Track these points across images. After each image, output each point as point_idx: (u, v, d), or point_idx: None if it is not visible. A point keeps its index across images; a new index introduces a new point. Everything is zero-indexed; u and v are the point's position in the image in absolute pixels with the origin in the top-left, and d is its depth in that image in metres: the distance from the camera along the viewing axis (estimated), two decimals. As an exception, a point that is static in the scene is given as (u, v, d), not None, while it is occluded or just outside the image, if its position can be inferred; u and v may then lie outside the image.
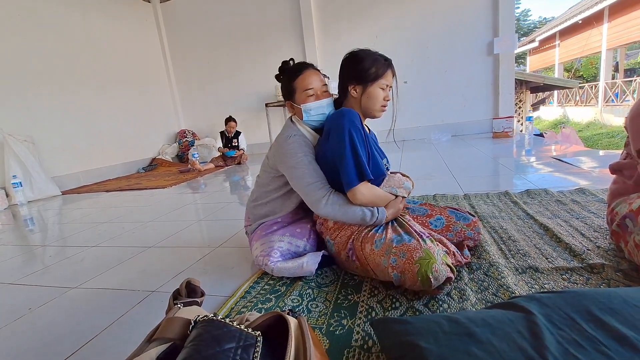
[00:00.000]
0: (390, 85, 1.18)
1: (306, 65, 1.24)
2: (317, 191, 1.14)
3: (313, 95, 1.20)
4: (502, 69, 4.75)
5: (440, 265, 0.91)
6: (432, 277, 0.89)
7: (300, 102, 1.21)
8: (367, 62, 1.13)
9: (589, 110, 11.70)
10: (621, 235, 1.05)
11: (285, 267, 1.18)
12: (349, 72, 1.17)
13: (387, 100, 1.19)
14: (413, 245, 0.96)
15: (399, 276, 0.96)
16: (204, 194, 3.13)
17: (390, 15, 5.05)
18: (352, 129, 1.07)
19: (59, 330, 1.08)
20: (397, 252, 0.97)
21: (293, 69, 1.24)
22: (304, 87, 1.20)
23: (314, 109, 1.20)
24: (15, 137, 3.74)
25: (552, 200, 1.73)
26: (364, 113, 1.20)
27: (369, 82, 1.13)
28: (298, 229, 1.31)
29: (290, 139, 1.21)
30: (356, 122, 1.09)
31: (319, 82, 1.22)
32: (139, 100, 5.65)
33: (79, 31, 4.72)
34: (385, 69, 1.14)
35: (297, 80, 1.21)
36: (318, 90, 1.21)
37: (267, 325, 0.62)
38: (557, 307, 0.64)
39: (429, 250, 0.93)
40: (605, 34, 10.55)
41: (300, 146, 1.19)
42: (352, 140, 1.07)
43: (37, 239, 2.28)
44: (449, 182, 2.41)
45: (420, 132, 5.24)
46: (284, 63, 1.28)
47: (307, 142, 1.23)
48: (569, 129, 4.10)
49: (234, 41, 5.85)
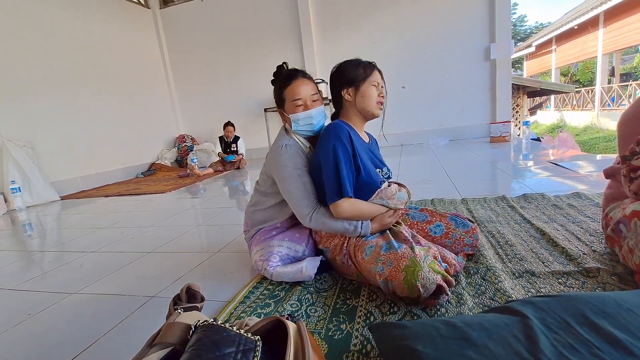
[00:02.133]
0: (380, 83, 1.19)
1: (296, 74, 1.23)
2: (303, 208, 1.18)
3: (301, 105, 1.21)
4: (499, 74, 4.79)
5: (427, 273, 0.90)
6: (419, 285, 0.89)
7: (289, 111, 1.23)
8: (353, 65, 1.18)
9: (586, 115, 11.79)
10: (615, 240, 1.06)
11: (284, 271, 1.19)
12: (338, 80, 1.20)
13: (382, 97, 1.20)
14: (401, 253, 0.97)
15: (385, 283, 0.96)
16: (203, 199, 3.14)
17: (388, 21, 5.10)
18: (337, 144, 1.09)
19: (58, 336, 1.09)
20: (384, 260, 0.98)
21: (284, 78, 1.24)
22: (292, 98, 1.21)
23: (301, 119, 1.21)
24: (14, 143, 3.74)
25: (549, 205, 1.74)
26: (362, 115, 1.21)
27: (360, 81, 1.16)
28: (297, 233, 1.32)
29: (282, 150, 1.21)
30: (342, 137, 1.11)
31: (309, 91, 1.21)
32: (138, 105, 5.67)
33: (79, 36, 4.75)
34: (371, 68, 1.18)
35: (287, 90, 1.22)
36: (307, 100, 1.21)
37: (266, 329, 0.63)
38: (552, 311, 0.65)
39: (416, 259, 0.93)
40: (601, 39, 10.65)
41: (291, 158, 1.20)
42: (336, 156, 1.09)
43: (36, 244, 2.28)
44: (446, 187, 2.43)
45: (419, 136, 5.27)
46: (278, 68, 1.29)
47: (299, 152, 1.23)
48: (566, 134, 4.13)
49: (233, 46, 5.89)
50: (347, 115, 1.23)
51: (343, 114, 1.24)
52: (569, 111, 13.35)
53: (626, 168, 1.00)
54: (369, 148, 1.26)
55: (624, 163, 1.00)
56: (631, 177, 0.99)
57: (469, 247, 1.23)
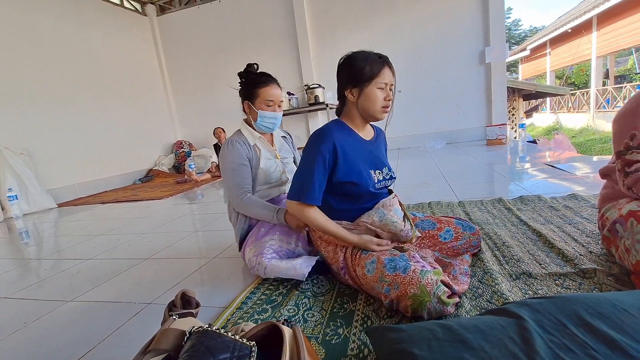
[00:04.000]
0: (389, 83, 1.10)
1: (273, 78, 1.41)
2: (233, 194, 1.37)
3: (272, 106, 1.39)
4: (494, 78, 4.83)
5: (435, 304, 0.87)
6: (424, 313, 0.88)
7: (259, 107, 1.39)
8: (360, 62, 1.08)
9: (582, 117, 11.86)
10: (612, 241, 1.06)
11: (278, 265, 1.20)
12: (343, 75, 1.13)
13: (389, 100, 1.11)
14: (408, 278, 0.90)
15: (390, 304, 0.94)
16: (201, 205, 3.13)
17: (384, 26, 5.14)
18: (316, 152, 1.06)
19: (55, 344, 1.08)
20: (390, 282, 0.93)
21: (262, 76, 1.39)
22: (267, 97, 1.37)
23: (268, 117, 1.40)
24: (11, 150, 3.74)
25: (545, 207, 1.75)
26: (364, 117, 1.14)
27: (364, 82, 1.07)
28: (287, 227, 1.35)
29: (227, 145, 1.38)
30: (323, 147, 1.05)
31: (279, 97, 1.40)
32: (135, 112, 5.67)
33: (77, 45, 4.76)
34: (380, 66, 1.07)
35: (263, 89, 1.37)
36: (277, 103, 1.40)
37: (262, 335, 0.62)
38: (548, 312, 0.65)
39: (426, 289, 0.87)
40: (595, 42, 10.76)
41: (230, 152, 1.36)
42: (308, 162, 1.07)
43: (33, 252, 2.26)
44: (444, 190, 2.43)
45: (416, 140, 5.29)
46: (249, 66, 1.42)
47: (243, 148, 1.37)
48: (562, 136, 4.15)
49: (230, 53, 5.91)
50: (349, 113, 1.16)
51: (345, 112, 1.18)
52: (564, 113, 13.44)
53: (621, 162, 1.01)
54: (369, 147, 1.18)
55: (619, 158, 1.01)
56: (626, 171, 1.00)
57: (473, 248, 1.26)
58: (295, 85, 5.61)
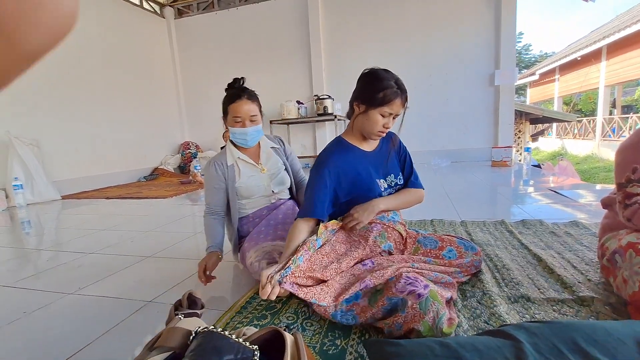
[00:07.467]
0: (394, 114, 1.15)
1: (243, 94, 1.40)
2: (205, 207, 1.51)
3: (240, 122, 1.40)
4: (503, 100, 4.88)
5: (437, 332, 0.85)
6: None
7: (229, 124, 1.44)
8: (378, 85, 1.12)
9: (587, 144, 11.88)
10: (611, 271, 1.07)
11: None
12: (359, 87, 1.18)
13: (387, 128, 1.17)
14: (410, 316, 0.87)
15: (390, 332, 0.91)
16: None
17: (396, 45, 5.23)
18: (315, 175, 1.20)
19: (54, 335, 1.09)
20: (390, 324, 0.90)
21: (232, 95, 1.41)
22: (234, 114, 1.39)
23: (237, 133, 1.42)
24: (21, 140, 3.80)
25: (547, 232, 1.76)
26: (361, 132, 1.23)
27: (372, 105, 1.13)
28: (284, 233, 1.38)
29: (207, 166, 1.47)
30: (322, 170, 1.18)
31: (249, 112, 1.39)
32: (145, 111, 5.76)
33: (94, 42, 4.86)
34: (393, 97, 1.11)
35: (231, 106, 1.40)
36: (246, 119, 1.40)
37: (264, 340, 0.64)
38: (544, 336, 0.66)
39: (428, 323, 0.85)
40: (604, 72, 10.85)
41: (206, 174, 1.46)
42: (313, 183, 1.20)
43: (34, 242, 2.29)
44: (446, 208, 2.45)
45: (422, 156, 5.32)
46: (234, 80, 1.45)
47: (218, 171, 1.44)
48: (566, 162, 4.17)
49: (243, 59, 6.01)
50: (354, 124, 1.24)
51: (352, 120, 1.24)
52: (570, 139, 13.46)
53: (622, 195, 1.03)
54: (371, 159, 1.25)
55: (620, 190, 1.03)
56: (626, 203, 1.01)
57: (475, 268, 1.26)
58: (305, 95, 5.69)
